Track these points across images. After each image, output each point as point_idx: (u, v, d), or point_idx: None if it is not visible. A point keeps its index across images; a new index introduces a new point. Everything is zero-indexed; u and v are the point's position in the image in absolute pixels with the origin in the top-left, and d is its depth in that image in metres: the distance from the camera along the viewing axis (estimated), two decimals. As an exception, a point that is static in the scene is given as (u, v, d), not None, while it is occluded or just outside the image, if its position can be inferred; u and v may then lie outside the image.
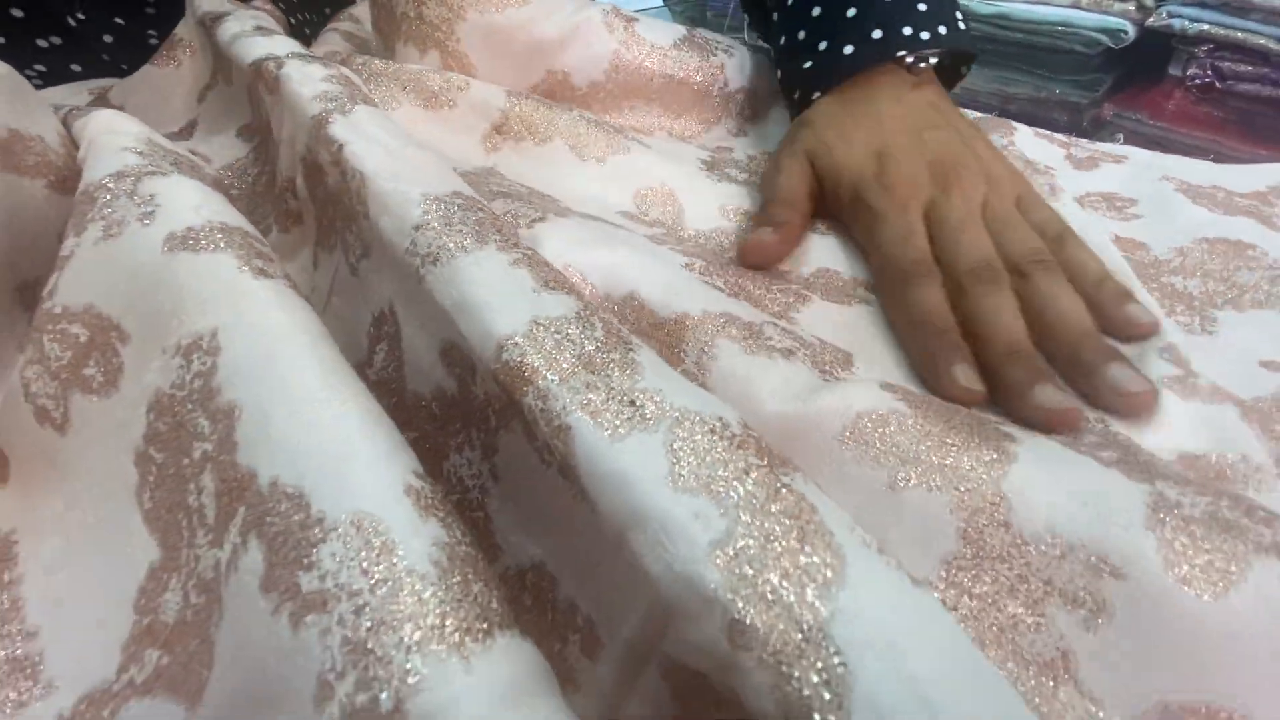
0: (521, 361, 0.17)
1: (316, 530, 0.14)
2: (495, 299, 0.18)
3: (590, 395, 0.16)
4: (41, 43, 0.44)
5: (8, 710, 0.17)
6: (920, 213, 0.28)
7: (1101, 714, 0.16)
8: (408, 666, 0.12)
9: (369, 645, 0.12)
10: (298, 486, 0.15)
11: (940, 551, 0.18)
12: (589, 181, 0.32)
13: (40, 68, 0.44)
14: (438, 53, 0.37)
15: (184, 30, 0.41)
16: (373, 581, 0.13)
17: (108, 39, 0.46)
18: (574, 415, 0.15)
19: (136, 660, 0.17)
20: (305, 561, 0.14)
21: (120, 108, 0.39)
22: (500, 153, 0.34)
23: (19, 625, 0.18)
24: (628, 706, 0.16)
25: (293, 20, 0.51)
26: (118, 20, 0.46)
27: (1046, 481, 0.17)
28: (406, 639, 0.12)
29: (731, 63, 0.39)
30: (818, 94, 0.33)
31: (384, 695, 0.12)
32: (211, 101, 0.39)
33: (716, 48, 0.39)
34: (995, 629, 0.17)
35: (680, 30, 0.39)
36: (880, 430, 0.18)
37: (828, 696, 0.11)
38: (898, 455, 0.18)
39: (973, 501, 0.17)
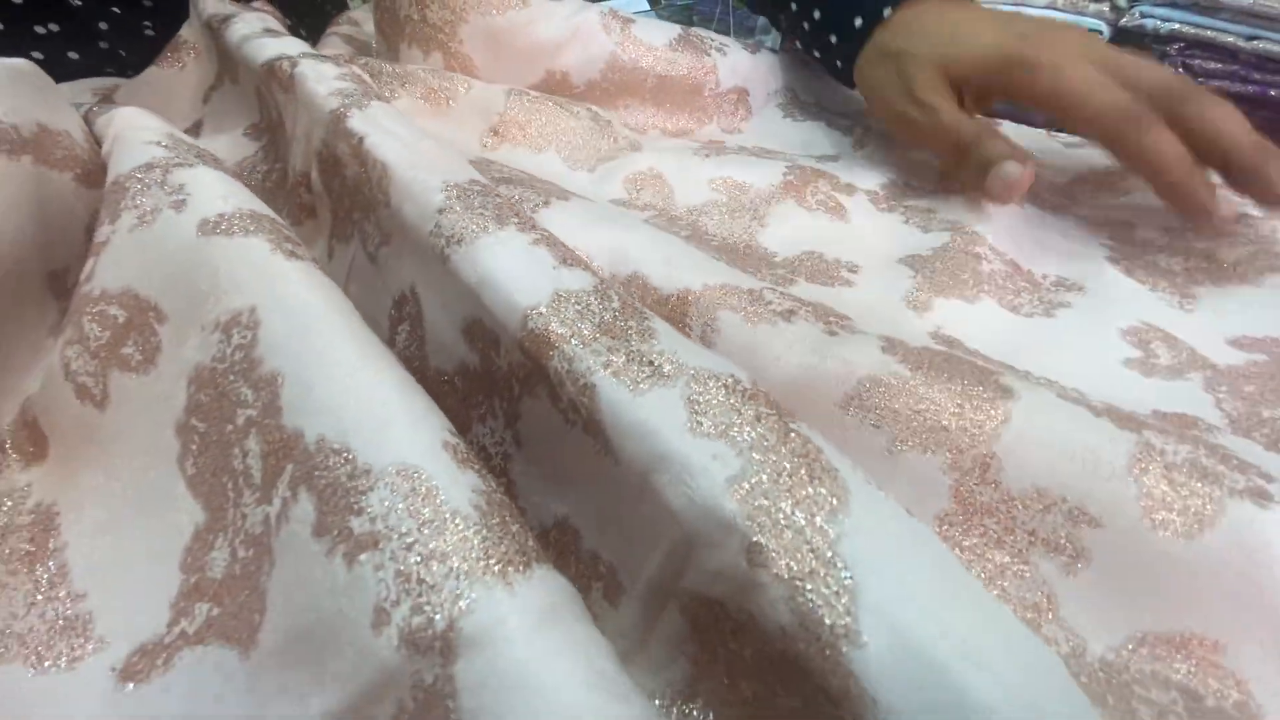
0: (546, 329, 0.18)
1: (364, 480, 0.15)
2: (518, 274, 0.19)
3: (612, 357, 0.17)
4: (39, 29, 0.44)
5: (62, 664, 0.18)
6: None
7: (1084, 646, 0.17)
8: (458, 591, 0.13)
9: (421, 575, 0.14)
10: (343, 443, 0.16)
11: (933, 509, 0.19)
12: (581, 186, 0.34)
13: (38, 55, 0.45)
14: (440, 54, 0.38)
15: (188, 32, 0.41)
16: (420, 521, 0.14)
17: (103, 26, 0.46)
18: (598, 375, 0.17)
19: (186, 614, 0.18)
20: (355, 507, 0.15)
21: None
22: (498, 152, 0.35)
23: (66, 589, 0.19)
24: (650, 645, 0.17)
25: (288, 23, 0.51)
26: (114, 9, 0.46)
27: (1037, 439, 0.19)
28: (455, 568, 0.14)
29: (725, 62, 0.41)
30: (888, 10, 0.34)
31: (438, 617, 0.13)
32: (216, 102, 0.39)
33: (710, 47, 0.41)
34: (984, 577, 0.18)
35: (675, 29, 0.41)
36: (880, 395, 0.20)
37: (837, 605, 0.13)
38: (895, 419, 0.19)
39: (964, 462, 0.19)
